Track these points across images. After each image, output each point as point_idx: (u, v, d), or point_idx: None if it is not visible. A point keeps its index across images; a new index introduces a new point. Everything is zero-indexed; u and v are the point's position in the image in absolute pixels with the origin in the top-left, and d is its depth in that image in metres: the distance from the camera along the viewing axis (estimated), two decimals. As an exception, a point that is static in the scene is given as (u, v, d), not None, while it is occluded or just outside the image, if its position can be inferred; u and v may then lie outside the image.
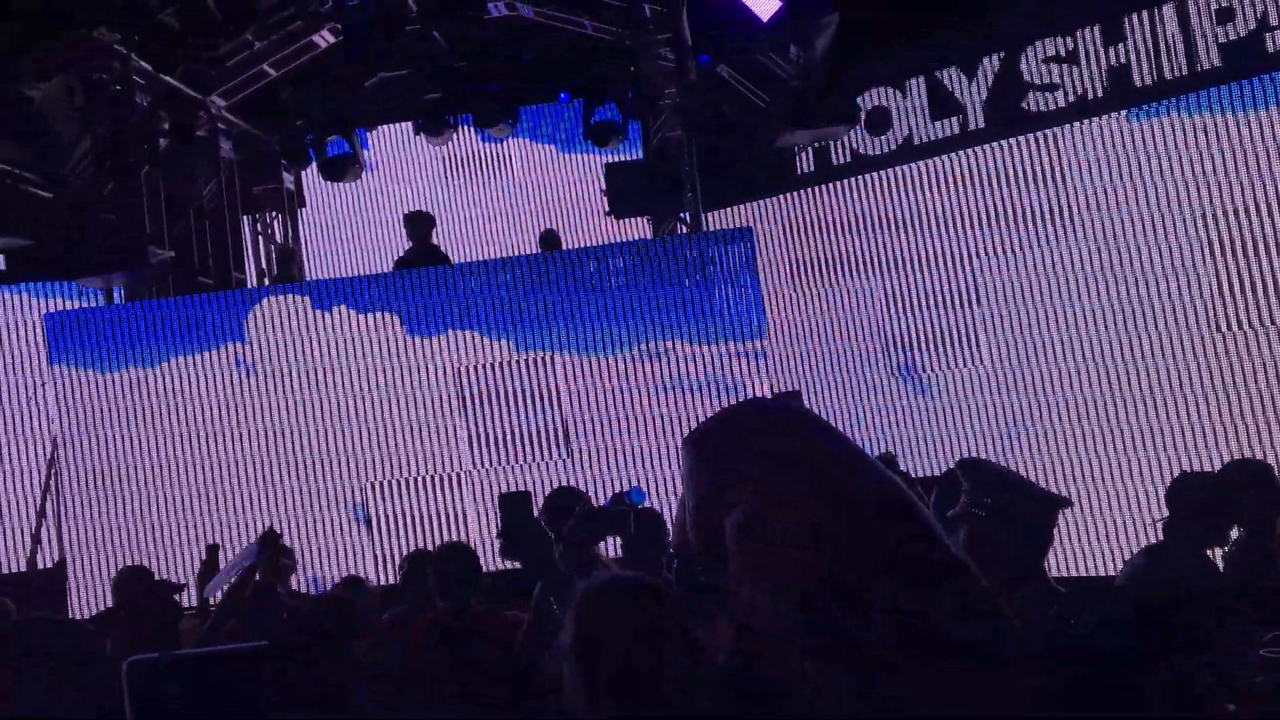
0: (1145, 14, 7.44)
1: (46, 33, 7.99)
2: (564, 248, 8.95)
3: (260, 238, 10.55)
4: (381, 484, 7.98)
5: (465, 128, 10.47)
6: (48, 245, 8.11)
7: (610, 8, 9.07)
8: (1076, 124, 7.70)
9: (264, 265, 10.44)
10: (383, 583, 7.49)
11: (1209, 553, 4.22)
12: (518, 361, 7.90)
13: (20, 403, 8.69)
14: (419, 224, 8.50)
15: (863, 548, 1.51)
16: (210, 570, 5.41)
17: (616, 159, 10.03)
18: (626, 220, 9.33)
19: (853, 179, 8.79)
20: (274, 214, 10.57)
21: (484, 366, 7.89)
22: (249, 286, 9.78)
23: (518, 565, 3.85)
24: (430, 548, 7.43)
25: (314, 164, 10.33)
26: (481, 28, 9.52)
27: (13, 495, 8.71)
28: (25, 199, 8.37)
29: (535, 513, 4.12)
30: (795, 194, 9.05)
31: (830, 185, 8.90)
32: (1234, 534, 4.31)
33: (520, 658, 3.84)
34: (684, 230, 8.98)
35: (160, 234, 8.67)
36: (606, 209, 8.59)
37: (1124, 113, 7.56)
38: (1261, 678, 2.72)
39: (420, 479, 8.00)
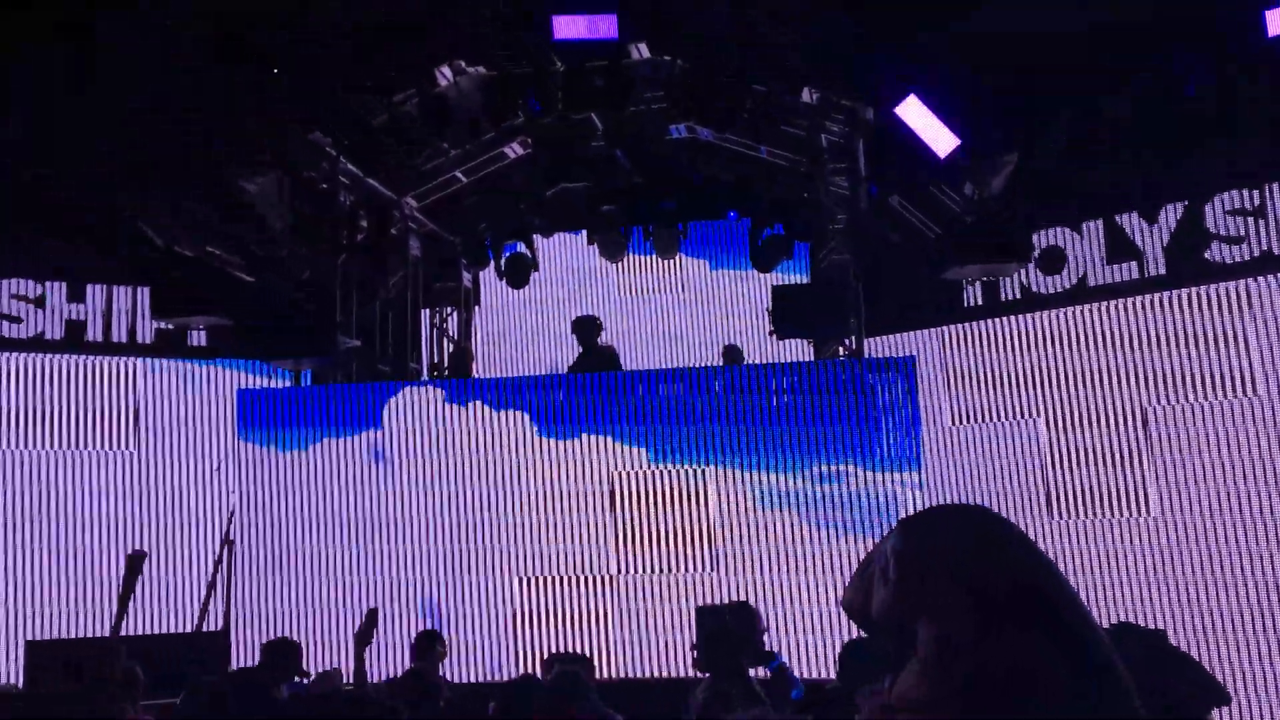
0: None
1: (272, 132, 8.73)
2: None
3: (436, 330, 11.07)
4: (530, 579, 8.15)
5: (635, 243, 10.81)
6: (247, 326, 8.72)
7: (788, 135, 9.34)
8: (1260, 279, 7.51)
9: (435, 358, 10.92)
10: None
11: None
12: (671, 471, 8.04)
13: (206, 472, 9.25)
14: (586, 328, 8.80)
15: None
16: (367, 634, 5.77)
17: (780, 280, 10.21)
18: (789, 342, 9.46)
19: (1022, 315, 8.73)
20: (450, 310, 11.09)
21: (636, 473, 8.05)
22: (422, 377, 10.26)
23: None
24: (566, 649, 7.56)
25: (491, 265, 10.86)
26: (660, 147, 9.93)
27: (192, 555, 9.24)
28: (231, 281, 9.05)
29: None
30: (961, 326, 9.02)
31: (997, 320, 8.84)
32: None
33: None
34: (846, 355, 9.04)
35: (349, 323, 9.23)
36: (770, 329, 8.73)
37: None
38: None
39: (567, 578, 8.14)
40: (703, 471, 8.04)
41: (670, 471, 8.05)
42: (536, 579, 8.14)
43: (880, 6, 8.13)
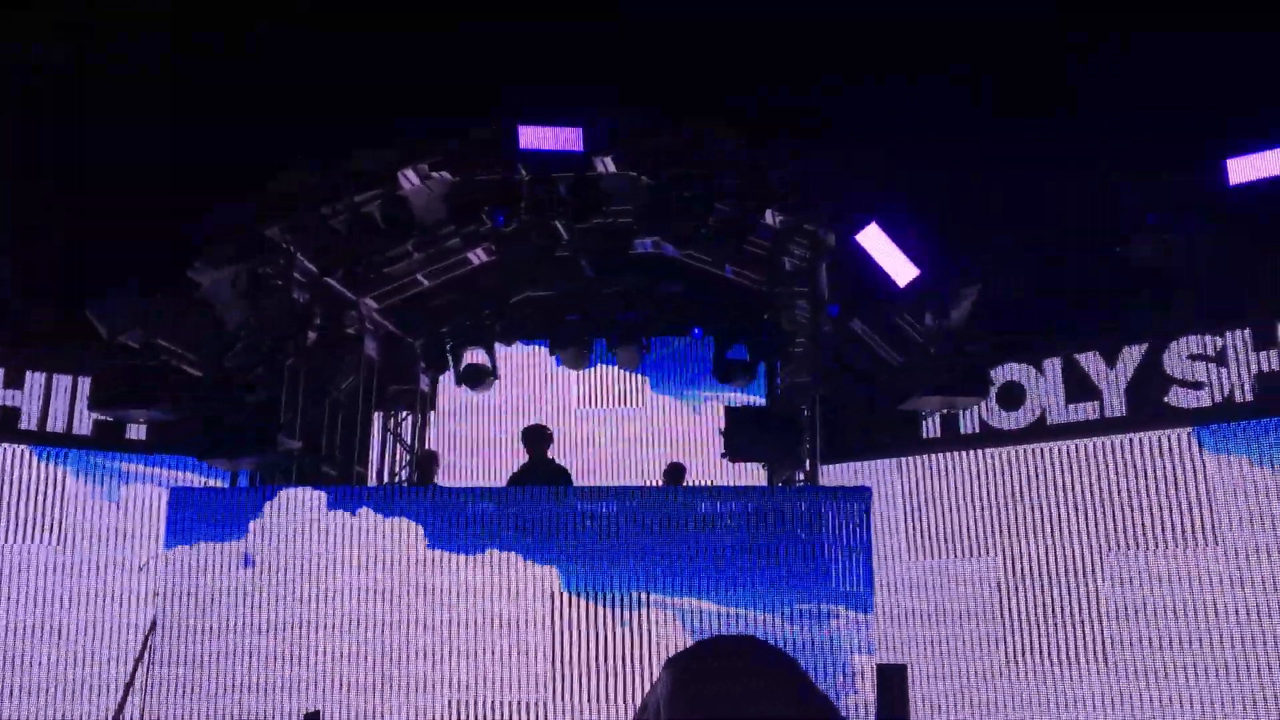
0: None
1: (227, 231, 8.63)
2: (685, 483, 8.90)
3: (390, 435, 10.83)
4: (461, 701, 7.77)
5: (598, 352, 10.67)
6: (188, 423, 8.48)
7: (753, 256, 9.29)
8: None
9: (386, 462, 10.67)
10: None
11: None
12: (607, 596, 7.73)
13: (131, 571, 8.93)
14: (535, 438, 8.58)
15: None
16: None
17: (745, 398, 10.05)
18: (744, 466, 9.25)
19: (980, 451, 8.56)
20: (405, 414, 10.88)
21: (569, 596, 7.73)
22: (369, 483, 9.99)
23: None
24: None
25: (450, 370, 10.69)
26: (626, 260, 9.87)
27: (110, 655, 8.85)
28: (177, 376, 8.85)
29: None
30: (918, 458, 8.83)
31: (955, 454, 8.67)
32: None
33: None
34: (800, 483, 8.82)
35: (294, 423, 9.00)
36: (722, 451, 8.52)
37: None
38: None
39: (499, 701, 7.75)
40: (641, 597, 7.71)
41: (607, 596, 7.73)
42: (466, 701, 7.75)
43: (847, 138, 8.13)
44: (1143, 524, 7.71)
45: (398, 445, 10.83)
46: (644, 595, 7.63)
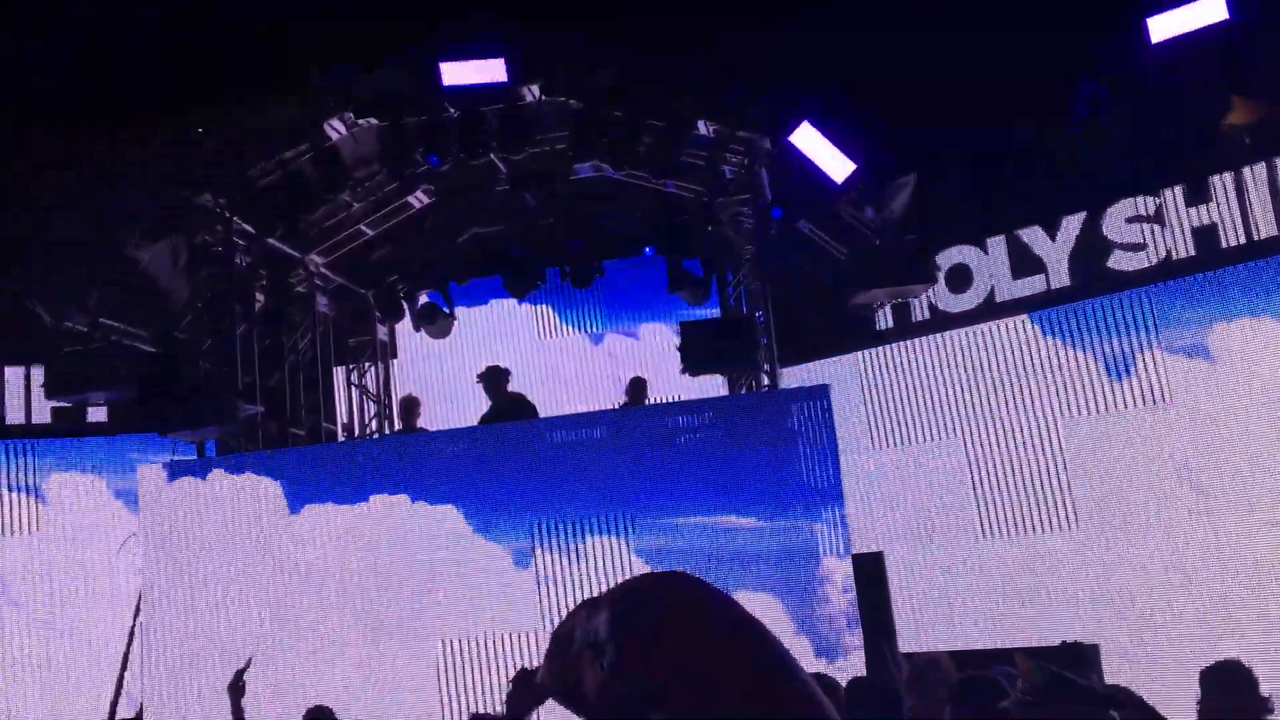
0: (1230, 175, 7.24)
1: (154, 198, 8.51)
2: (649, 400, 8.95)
3: (355, 388, 10.83)
4: (448, 642, 7.91)
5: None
6: (146, 399, 8.46)
7: (692, 168, 9.24)
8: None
9: (353, 415, 10.68)
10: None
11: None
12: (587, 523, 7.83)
13: (109, 554, 8.97)
14: (493, 380, 8.61)
15: None
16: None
17: (705, 314, 10.05)
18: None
19: (934, 335, 8.63)
20: (367, 365, 10.87)
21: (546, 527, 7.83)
22: (339, 439, 10.03)
23: None
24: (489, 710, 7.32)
25: (407, 317, 10.65)
26: (568, 187, 9.79)
27: (102, 641, 8.93)
28: (129, 354, 8.80)
29: None
30: (875, 350, 8.91)
31: (911, 341, 8.74)
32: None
33: None
34: (761, 388, 8.89)
35: (253, 388, 8.99)
36: (680, 367, 8.57)
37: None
38: None
39: (484, 637, 7.88)
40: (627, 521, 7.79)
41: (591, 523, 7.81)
42: (454, 642, 7.88)
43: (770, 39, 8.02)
44: (1100, 389, 7.82)
45: (364, 397, 10.84)
46: (630, 519, 7.72)
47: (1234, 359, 7.25)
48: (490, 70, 8.54)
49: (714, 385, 9.68)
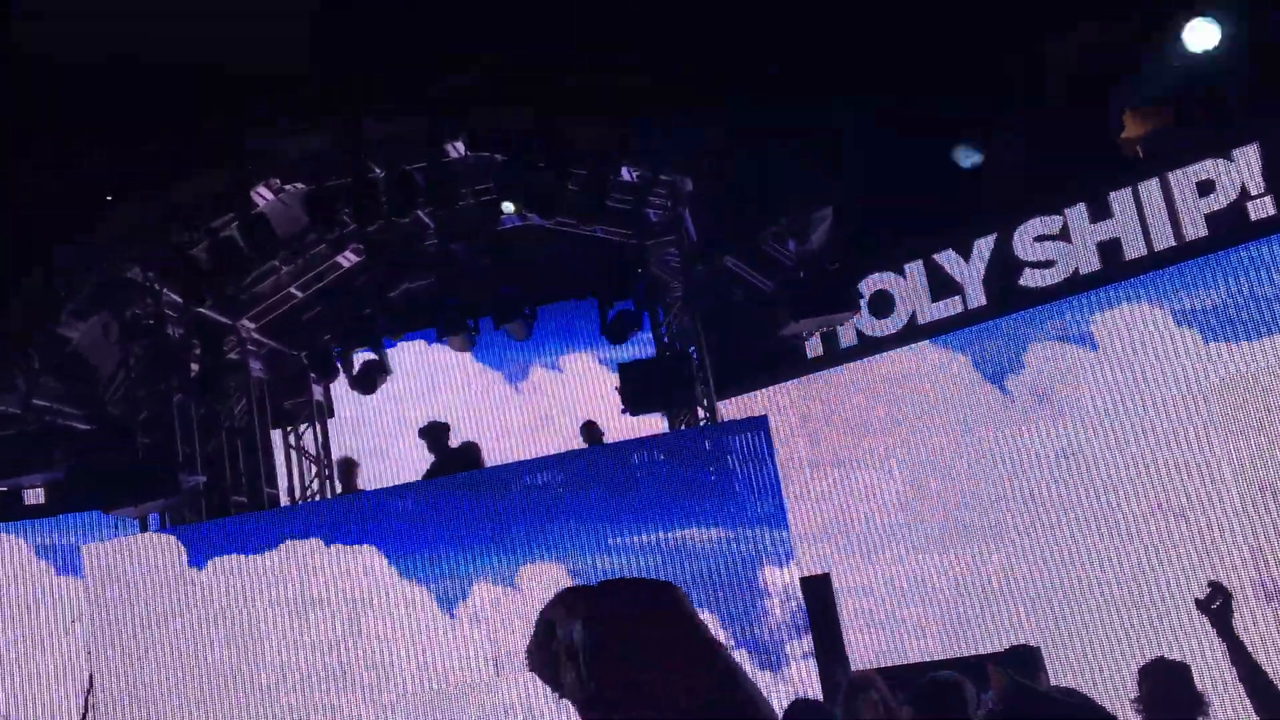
0: (1128, 190, 7.65)
1: (79, 275, 8.48)
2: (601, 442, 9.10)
3: (293, 450, 10.80)
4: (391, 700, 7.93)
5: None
6: (84, 478, 8.39)
7: (618, 212, 9.45)
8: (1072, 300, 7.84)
9: (294, 480, 10.65)
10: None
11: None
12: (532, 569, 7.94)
13: (58, 636, 8.83)
14: (434, 434, 8.70)
15: None
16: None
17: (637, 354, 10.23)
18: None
19: (862, 360, 8.93)
20: (304, 426, 10.86)
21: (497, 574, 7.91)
22: (280, 504, 10.00)
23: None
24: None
25: (342, 375, 10.67)
26: (496, 237, 9.95)
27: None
28: (65, 433, 8.73)
29: None
30: (808, 377, 9.18)
31: (840, 366, 9.03)
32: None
33: None
34: (701, 423, 9.10)
35: (193, 457, 8.95)
36: (622, 407, 8.75)
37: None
38: None
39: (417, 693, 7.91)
40: (569, 561, 7.93)
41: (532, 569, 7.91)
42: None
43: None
44: (1024, 401, 8.15)
45: (302, 459, 10.82)
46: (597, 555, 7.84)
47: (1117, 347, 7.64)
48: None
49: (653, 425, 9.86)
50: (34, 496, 9.16)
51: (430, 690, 7.84)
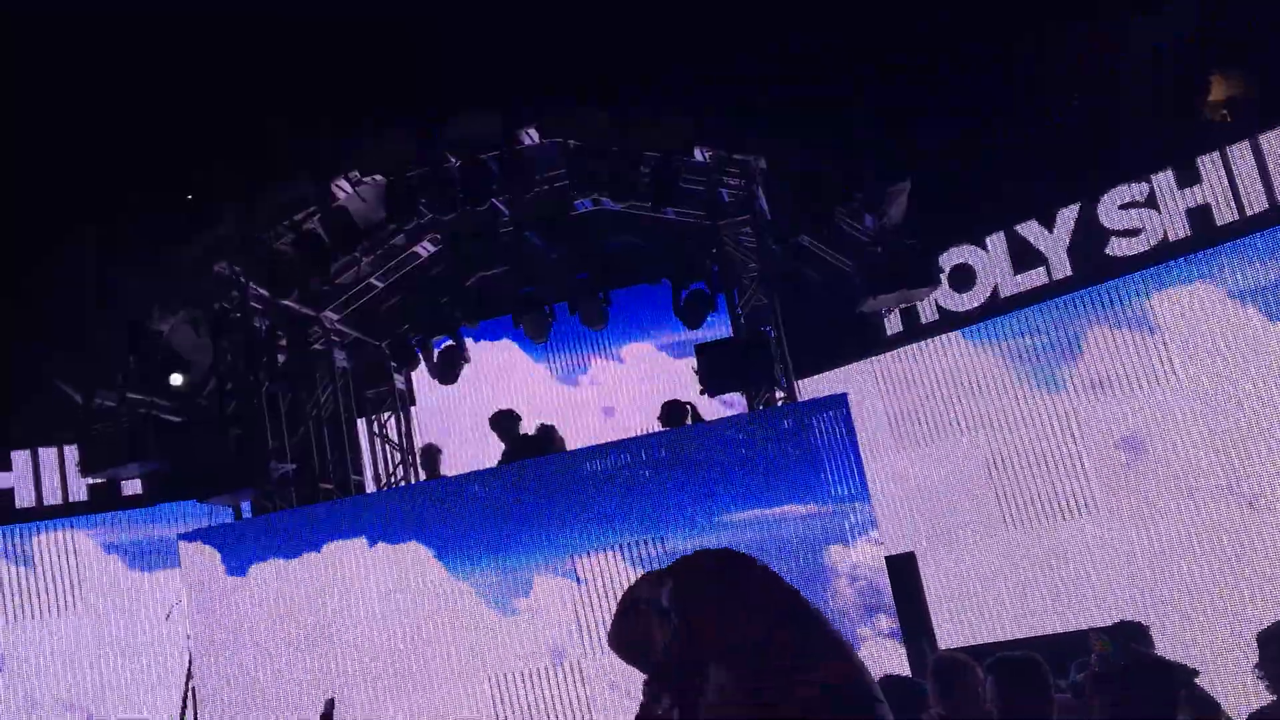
0: (1218, 154, 7.45)
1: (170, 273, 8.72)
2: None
3: (377, 439, 10.99)
4: (498, 677, 8.03)
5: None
6: (179, 469, 8.62)
7: (690, 194, 9.43)
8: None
9: (379, 467, 10.84)
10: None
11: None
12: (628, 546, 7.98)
13: (158, 621, 9.11)
14: (504, 424, 8.79)
15: None
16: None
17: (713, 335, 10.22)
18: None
19: (944, 336, 8.82)
20: (387, 415, 11.04)
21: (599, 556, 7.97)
22: (366, 490, 10.18)
23: None
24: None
25: (422, 364, 10.83)
26: (569, 222, 10.00)
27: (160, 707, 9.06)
28: (158, 426, 8.97)
29: None
30: (888, 354, 9.09)
31: (921, 342, 8.94)
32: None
33: None
34: (779, 402, 9.06)
35: (282, 448, 9.15)
36: (700, 388, 8.74)
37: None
38: None
39: (536, 670, 8.01)
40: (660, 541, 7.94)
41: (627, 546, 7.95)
42: (505, 675, 8.01)
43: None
44: (1110, 372, 8.00)
45: (386, 446, 11.00)
46: (660, 541, 7.86)
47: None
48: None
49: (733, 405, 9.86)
50: (131, 488, 9.44)
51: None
